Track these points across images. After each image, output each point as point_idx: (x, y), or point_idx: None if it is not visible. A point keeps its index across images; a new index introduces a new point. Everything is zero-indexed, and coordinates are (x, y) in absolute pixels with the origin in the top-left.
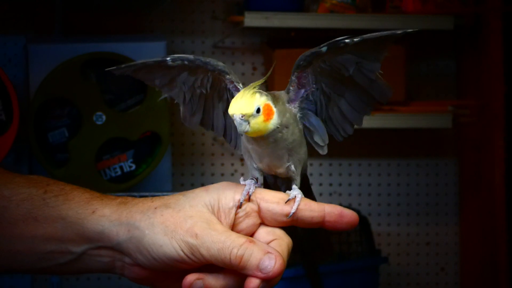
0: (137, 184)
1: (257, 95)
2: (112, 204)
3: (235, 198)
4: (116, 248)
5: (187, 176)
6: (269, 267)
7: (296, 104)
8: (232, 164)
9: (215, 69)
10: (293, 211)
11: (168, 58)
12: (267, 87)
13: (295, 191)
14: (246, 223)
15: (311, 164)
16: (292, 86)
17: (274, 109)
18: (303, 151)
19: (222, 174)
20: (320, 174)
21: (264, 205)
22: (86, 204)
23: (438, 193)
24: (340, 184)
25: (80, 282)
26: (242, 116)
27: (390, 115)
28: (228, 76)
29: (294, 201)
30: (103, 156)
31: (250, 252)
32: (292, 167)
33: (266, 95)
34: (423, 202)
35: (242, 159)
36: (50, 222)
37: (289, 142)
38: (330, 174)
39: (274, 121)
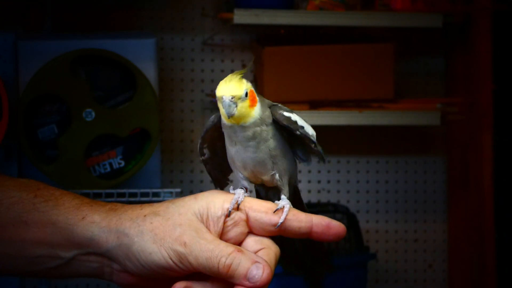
0: (126, 181)
1: (244, 80)
2: (102, 211)
3: (224, 206)
4: (105, 255)
5: (176, 173)
6: (256, 276)
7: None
8: None
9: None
10: (281, 221)
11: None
12: (256, 84)
13: (284, 201)
14: (234, 232)
15: (299, 162)
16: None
17: (257, 98)
18: (287, 162)
19: None
20: (309, 171)
21: (252, 214)
22: (76, 210)
23: (426, 190)
24: (328, 181)
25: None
26: (232, 98)
27: (379, 113)
28: None
29: (282, 211)
30: (93, 152)
31: (238, 261)
32: (277, 176)
33: (250, 83)
34: (411, 199)
35: None
36: (40, 226)
37: (271, 146)
38: (319, 171)
39: (257, 109)
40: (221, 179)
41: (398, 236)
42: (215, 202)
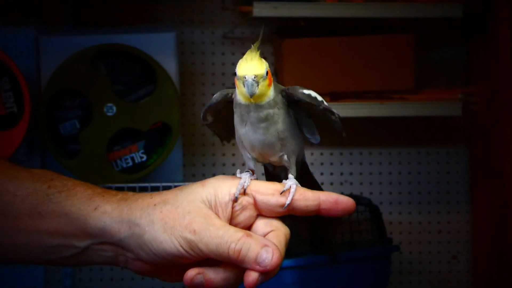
0: (148, 175)
1: (262, 59)
2: (113, 201)
3: (231, 192)
4: (118, 244)
5: (198, 166)
6: (266, 260)
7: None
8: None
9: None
10: (288, 202)
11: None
12: (277, 75)
13: (291, 181)
14: (243, 216)
15: (321, 154)
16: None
17: (272, 78)
18: (295, 143)
19: (233, 164)
20: (331, 164)
21: (259, 198)
22: (89, 200)
23: (449, 181)
24: (351, 173)
25: (93, 283)
26: (254, 77)
27: (400, 104)
28: None
29: (289, 192)
30: (114, 147)
31: (247, 246)
32: (285, 157)
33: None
34: (434, 190)
35: None
36: (54, 217)
37: (280, 129)
38: (341, 163)
39: (272, 89)
40: (225, 135)
41: (421, 228)
42: (222, 188)
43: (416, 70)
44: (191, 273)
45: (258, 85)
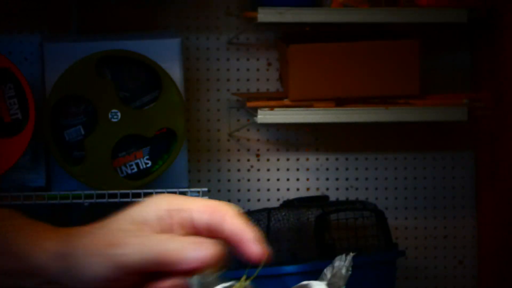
0: (153, 181)
1: None
2: (56, 237)
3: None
4: (56, 282)
5: (203, 172)
6: (195, 254)
7: None
8: (248, 160)
9: None
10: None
11: None
12: (281, 81)
13: None
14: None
15: (327, 159)
16: None
17: None
18: None
19: (238, 170)
20: (337, 169)
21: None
22: (35, 239)
23: (454, 186)
24: (356, 179)
25: None
26: None
27: (405, 109)
28: None
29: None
30: (119, 153)
31: (173, 245)
32: None
33: None
34: (440, 195)
35: (258, 155)
36: (6, 257)
37: None
38: (347, 169)
39: None
40: None
41: (427, 233)
42: (159, 205)
43: (421, 75)
44: None
45: None
